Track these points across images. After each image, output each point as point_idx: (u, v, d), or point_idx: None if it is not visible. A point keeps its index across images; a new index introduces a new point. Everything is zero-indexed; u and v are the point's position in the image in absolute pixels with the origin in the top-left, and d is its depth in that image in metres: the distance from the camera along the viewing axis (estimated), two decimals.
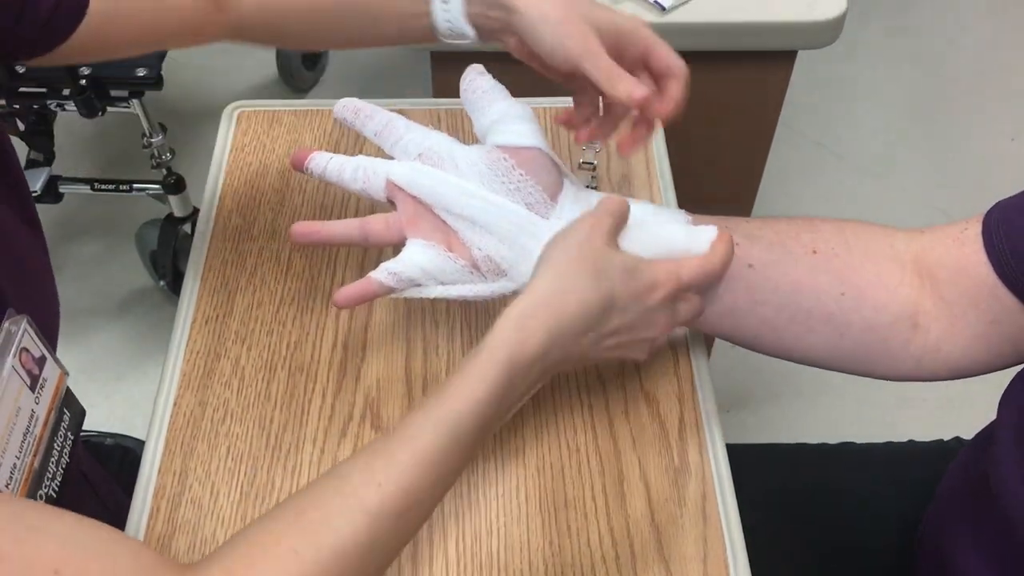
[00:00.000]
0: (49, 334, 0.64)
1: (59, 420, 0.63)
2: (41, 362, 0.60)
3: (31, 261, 0.67)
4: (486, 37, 0.71)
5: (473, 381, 0.55)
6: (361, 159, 0.68)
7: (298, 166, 0.69)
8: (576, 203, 0.65)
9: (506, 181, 0.64)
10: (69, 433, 0.64)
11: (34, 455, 0.59)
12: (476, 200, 0.64)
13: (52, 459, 0.62)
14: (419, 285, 0.65)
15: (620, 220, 0.63)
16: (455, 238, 0.66)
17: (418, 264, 0.65)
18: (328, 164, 0.68)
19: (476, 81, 0.68)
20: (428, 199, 0.65)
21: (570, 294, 0.58)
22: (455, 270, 0.65)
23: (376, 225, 0.67)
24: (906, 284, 0.65)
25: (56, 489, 0.62)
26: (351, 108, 0.70)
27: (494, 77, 1.22)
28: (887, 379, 0.69)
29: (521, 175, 0.64)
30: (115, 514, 0.78)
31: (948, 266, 0.65)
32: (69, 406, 0.65)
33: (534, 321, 0.57)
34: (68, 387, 0.65)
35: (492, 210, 0.64)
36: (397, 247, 0.67)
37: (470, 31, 0.70)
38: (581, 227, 0.61)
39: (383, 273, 0.64)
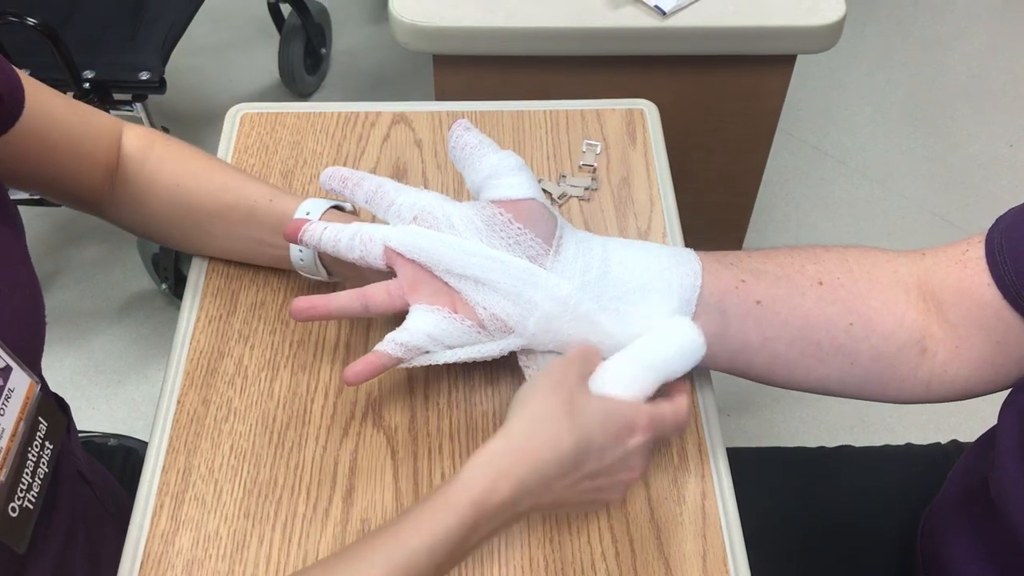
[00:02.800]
0: (28, 341, 0.62)
1: (32, 430, 0.61)
2: (5, 373, 0.58)
3: (7, 265, 0.65)
4: (341, 278, 0.75)
5: (434, 518, 0.54)
6: (356, 226, 0.66)
7: (292, 238, 0.67)
8: (579, 248, 0.64)
9: (505, 236, 0.63)
10: (47, 443, 0.63)
11: (0, 468, 0.58)
12: (477, 258, 0.63)
13: (26, 470, 0.60)
14: (427, 352, 0.65)
15: (590, 364, 0.62)
16: (459, 299, 0.65)
17: (424, 331, 0.64)
18: (323, 234, 0.66)
19: (463, 137, 0.66)
20: (428, 262, 0.64)
21: (544, 438, 0.56)
22: (462, 332, 0.64)
23: (377, 296, 0.66)
24: (912, 309, 0.65)
25: (32, 500, 0.60)
26: (338, 177, 0.68)
27: (497, 79, 1.22)
28: (898, 403, 0.68)
29: (520, 228, 0.63)
30: (115, 514, 0.79)
31: (951, 288, 0.64)
32: (45, 415, 0.63)
33: (506, 466, 0.55)
34: (43, 396, 0.63)
35: (495, 267, 0.63)
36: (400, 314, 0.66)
37: (323, 271, 0.73)
38: (554, 368, 0.61)
39: (390, 345, 0.64)
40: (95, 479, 0.79)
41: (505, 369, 0.75)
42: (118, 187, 0.75)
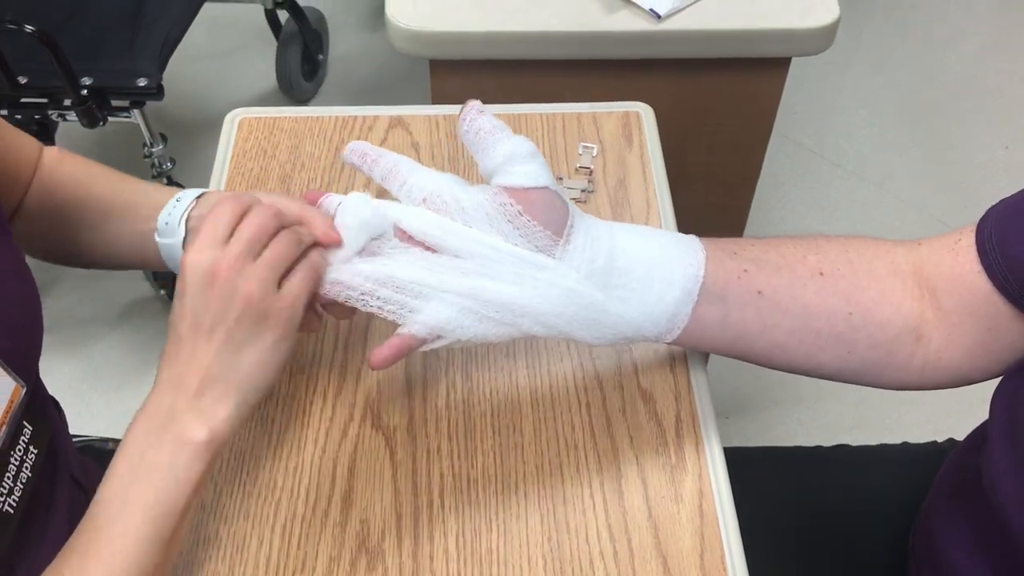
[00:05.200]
0: (19, 348, 0.62)
1: (16, 434, 0.61)
2: None
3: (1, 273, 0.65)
4: None
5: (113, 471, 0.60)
6: (376, 202, 0.67)
7: (311, 203, 0.68)
8: (587, 237, 0.64)
9: (514, 225, 0.63)
10: (32, 447, 0.62)
11: None
12: (482, 247, 0.63)
13: (8, 474, 0.60)
14: (443, 336, 0.65)
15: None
16: None
17: (443, 314, 0.64)
18: (339, 207, 0.67)
19: (477, 121, 0.65)
20: (436, 246, 0.64)
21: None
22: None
23: None
24: (909, 297, 0.66)
25: (13, 504, 0.60)
26: (358, 152, 0.69)
27: (493, 83, 1.22)
28: (892, 388, 0.69)
29: (527, 221, 0.63)
30: None
31: (944, 276, 0.66)
32: (31, 419, 0.63)
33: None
34: (30, 400, 0.62)
35: (499, 257, 0.63)
36: None
37: (181, 232, 0.70)
38: None
39: (414, 326, 0.64)
40: (90, 484, 0.79)
41: (504, 370, 0.75)
42: (27, 195, 0.75)
